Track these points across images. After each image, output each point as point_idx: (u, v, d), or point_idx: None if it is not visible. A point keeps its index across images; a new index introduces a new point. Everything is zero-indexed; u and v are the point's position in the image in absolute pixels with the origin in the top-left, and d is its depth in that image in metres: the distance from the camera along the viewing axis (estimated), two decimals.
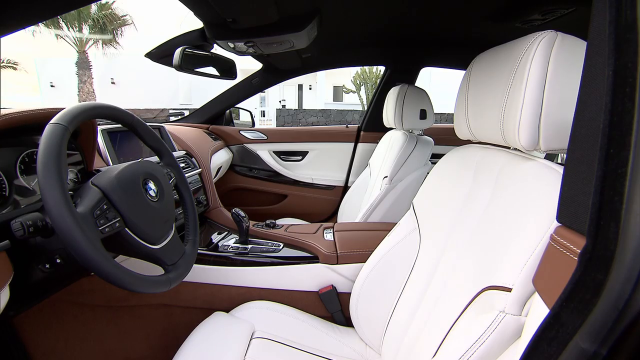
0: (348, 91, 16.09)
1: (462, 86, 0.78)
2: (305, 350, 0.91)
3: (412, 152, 1.52)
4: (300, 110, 12.32)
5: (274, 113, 12.83)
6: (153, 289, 0.66)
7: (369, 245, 1.07)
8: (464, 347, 0.55)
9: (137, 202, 0.68)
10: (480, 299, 0.59)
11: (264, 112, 15.78)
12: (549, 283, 0.37)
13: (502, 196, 0.64)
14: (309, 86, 17.97)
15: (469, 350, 0.54)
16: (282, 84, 16.82)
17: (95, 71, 12.77)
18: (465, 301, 0.63)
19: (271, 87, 2.05)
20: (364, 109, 14.47)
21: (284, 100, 17.33)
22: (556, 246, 0.35)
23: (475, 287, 0.61)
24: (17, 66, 9.85)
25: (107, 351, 1.17)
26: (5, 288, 0.63)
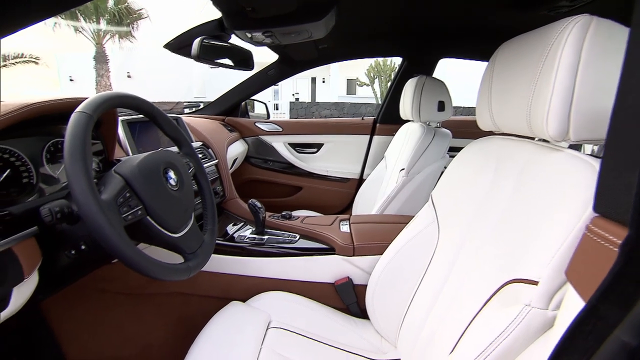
0: (362, 84, 15.94)
1: (486, 76, 0.76)
2: (321, 341, 0.91)
3: (430, 145, 1.50)
4: (314, 103, 12.29)
5: (287, 106, 12.84)
6: (173, 277, 0.67)
7: (386, 237, 1.06)
8: (487, 341, 0.54)
9: (158, 191, 0.69)
10: (504, 292, 0.58)
11: (277, 105, 15.80)
12: (585, 275, 0.35)
13: (527, 188, 0.62)
14: (323, 79, 17.87)
15: (492, 343, 0.53)
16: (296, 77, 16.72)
17: (112, 65, 13.00)
18: (487, 294, 0.62)
19: (284, 80, 2.04)
20: (378, 102, 14.33)
21: (297, 93, 17.29)
22: (593, 237, 0.34)
23: (497, 280, 0.60)
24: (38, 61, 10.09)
25: (127, 337, 1.20)
26: (34, 272, 0.65)
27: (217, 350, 0.81)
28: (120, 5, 12.00)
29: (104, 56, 12.76)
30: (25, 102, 0.67)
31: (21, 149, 0.73)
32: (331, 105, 12.07)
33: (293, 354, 0.84)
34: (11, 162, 0.71)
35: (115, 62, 13.23)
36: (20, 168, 0.73)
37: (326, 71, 17.16)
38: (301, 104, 12.40)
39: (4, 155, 0.70)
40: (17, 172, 0.72)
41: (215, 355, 0.79)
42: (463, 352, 0.60)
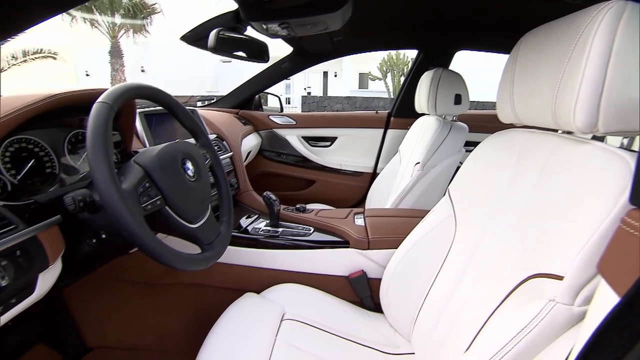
0: (374, 78, 15.81)
1: (508, 67, 0.74)
2: (335, 333, 0.92)
3: (446, 139, 1.47)
4: (326, 97, 12.24)
5: (299, 100, 12.82)
6: (191, 267, 0.68)
7: (401, 231, 1.05)
8: (506, 337, 0.53)
9: (176, 181, 0.69)
10: (525, 287, 0.57)
11: (289, 99, 15.80)
12: (620, 269, 0.34)
13: (551, 181, 0.61)
14: (335, 73, 17.77)
15: (512, 340, 0.52)
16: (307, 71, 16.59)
17: (127, 59, 13.18)
18: (507, 289, 0.60)
19: (296, 74, 2.03)
20: (390, 96, 14.20)
21: (309, 87, 17.25)
22: (629, 230, 0.33)
23: (518, 274, 0.59)
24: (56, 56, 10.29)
25: (144, 326, 1.22)
26: (58, 260, 0.67)
27: (233, 340, 0.82)
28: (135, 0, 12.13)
29: (119, 51, 12.95)
30: (48, 93, 0.68)
31: (44, 140, 0.75)
32: (343, 99, 12.00)
33: (307, 346, 0.84)
34: (35, 152, 0.73)
35: (129, 56, 13.41)
36: (43, 158, 0.75)
37: (338, 65, 17.06)
38: (313, 98, 12.36)
39: (28, 146, 0.72)
40: (40, 162, 0.74)
41: (230, 346, 0.80)
42: (479, 350, 0.59)
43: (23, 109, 0.63)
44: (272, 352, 0.80)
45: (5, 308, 0.56)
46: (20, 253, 0.57)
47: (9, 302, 0.57)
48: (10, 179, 0.67)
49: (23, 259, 0.57)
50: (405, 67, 14.52)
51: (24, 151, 0.71)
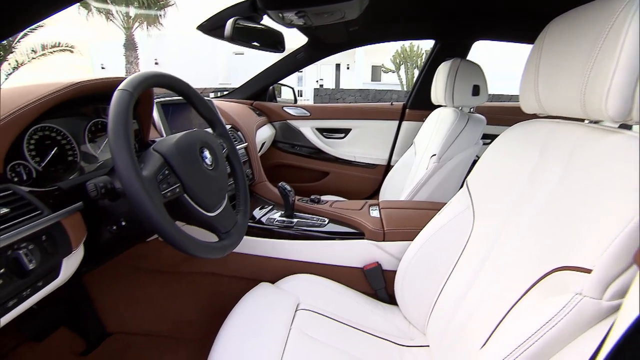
0: (387, 70, 15.60)
1: (532, 56, 0.71)
2: (349, 324, 0.92)
3: (463, 130, 1.44)
4: (338, 90, 12.16)
5: (311, 93, 12.77)
6: (209, 254, 0.68)
7: (417, 223, 1.04)
8: (529, 331, 0.51)
9: (194, 169, 0.70)
10: (549, 280, 0.55)
11: (301, 92, 15.74)
12: None
13: (579, 172, 0.59)
14: (347, 65, 17.61)
15: (536, 333, 0.50)
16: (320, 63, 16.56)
17: (141, 52, 13.33)
18: (528, 283, 0.59)
19: (308, 67, 2.02)
20: (403, 89, 14.01)
21: (321, 80, 17.15)
22: None
23: (541, 267, 0.57)
24: (73, 49, 10.47)
25: (160, 312, 1.25)
26: (80, 246, 0.68)
27: (248, 329, 0.82)
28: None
29: (133, 43, 13.11)
30: (70, 82, 0.69)
31: (66, 128, 0.76)
32: (356, 92, 11.91)
33: (322, 336, 0.85)
34: (57, 140, 0.74)
35: (143, 49, 13.57)
36: (65, 146, 0.76)
37: (351, 57, 16.90)
38: (325, 90, 12.30)
39: (51, 134, 0.73)
40: (62, 150, 0.75)
41: (246, 334, 0.81)
42: (498, 345, 0.58)
43: (48, 96, 0.64)
44: (287, 341, 0.80)
45: (32, 291, 0.57)
46: (45, 238, 0.59)
47: (36, 285, 0.58)
48: (35, 166, 0.68)
49: (48, 244, 0.59)
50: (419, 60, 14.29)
51: (47, 139, 0.72)
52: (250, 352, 0.76)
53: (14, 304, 0.54)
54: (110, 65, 15.80)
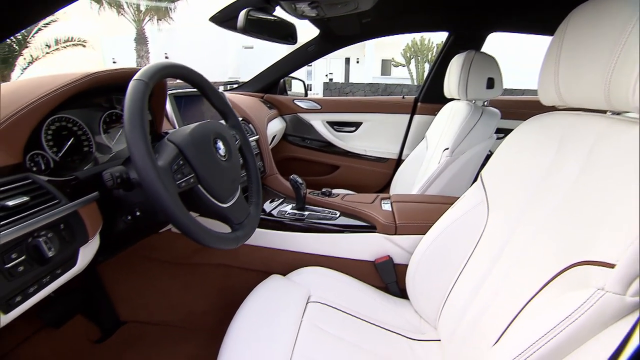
0: (397, 64, 15.44)
1: (553, 46, 0.69)
2: (360, 317, 0.92)
3: (477, 124, 1.42)
4: (348, 84, 12.08)
5: (321, 87, 12.71)
6: (222, 245, 0.68)
7: (429, 217, 1.03)
8: (546, 327, 0.50)
9: (208, 160, 0.70)
10: (569, 274, 0.54)
11: (310, 86, 15.68)
12: None
13: (601, 164, 0.57)
14: (357, 59, 17.46)
15: (554, 329, 0.49)
16: (329, 57, 16.48)
17: (151, 47, 13.43)
18: (545, 278, 0.58)
19: (318, 61, 2.01)
20: (414, 83, 13.85)
21: (331, 74, 17.05)
22: None
23: (560, 262, 0.56)
24: (85, 44, 10.58)
25: (173, 303, 1.27)
26: (96, 235, 0.69)
27: (260, 320, 0.83)
28: None
29: (144, 38, 13.20)
30: (87, 72, 0.69)
31: (82, 119, 0.77)
32: (365, 86, 11.82)
33: (333, 328, 0.85)
34: (74, 131, 0.75)
35: (154, 43, 13.66)
36: (81, 137, 0.77)
37: (360, 51, 16.75)
38: (335, 84, 12.22)
39: (67, 125, 0.74)
40: (78, 140, 0.76)
41: (258, 326, 0.81)
42: (510, 343, 0.57)
43: (65, 87, 0.65)
44: (299, 333, 0.80)
45: (51, 278, 0.58)
46: (63, 226, 0.60)
47: (55, 272, 0.59)
48: (53, 156, 0.69)
49: (66, 232, 0.60)
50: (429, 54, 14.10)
51: (63, 130, 0.73)
52: (262, 344, 0.76)
53: (35, 290, 0.55)
54: (122, 60, 15.94)
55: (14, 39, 9.00)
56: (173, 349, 1.14)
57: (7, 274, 0.49)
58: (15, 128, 0.59)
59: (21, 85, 0.65)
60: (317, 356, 0.75)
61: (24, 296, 0.53)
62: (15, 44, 9.10)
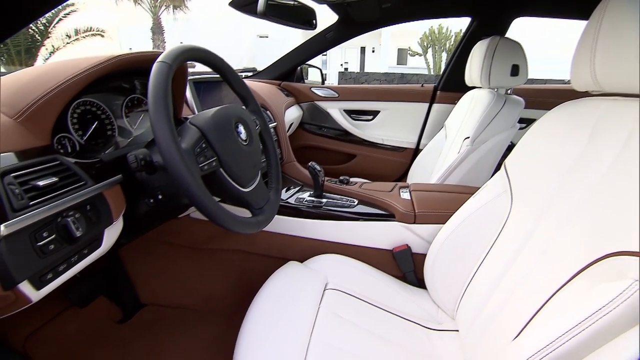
0: (414, 54, 15.17)
1: (589, 29, 0.66)
2: (377, 305, 0.91)
3: (499, 112, 1.38)
4: (363, 74, 11.93)
5: (336, 76, 12.60)
6: (243, 229, 0.69)
7: (449, 206, 1.01)
8: (574, 320, 0.48)
9: (230, 144, 0.70)
10: (600, 266, 0.52)
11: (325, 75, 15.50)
12: None
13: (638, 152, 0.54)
14: (372, 49, 17.21)
15: (582, 323, 0.47)
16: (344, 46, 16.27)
17: (167, 36, 13.53)
18: (574, 270, 0.56)
19: (333, 50, 1.98)
20: (430, 72, 13.59)
21: (346, 63, 16.86)
22: None
23: (590, 253, 0.54)
24: (104, 34, 10.74)
25: (191, 287, 1.29)
26: (120, 218, 0.70)
27: (278, 306, 0.83)
28: None
29: (160, 27, 13.32)
30: (111, 55, 0.70)
31: (104, 103, 0.78)
32: (381, 75, 11.65)
33: (350, 316, 0.85)
34: (97, 115, 0.76)
35: (170, 33, 13.76)
36: (105, 121, 0.78)
37: (376, 40, 16.49)
38: (350, 74, 12.09)
39: (92, 109, 0.75)
40: (102, 124, 0.77)
41: (276, 312, 0.81)
42: (533, 337, 0.55)
43: (91, 69, 0.65)
44: (316, 319, 0.81)
45: (79, 257, 0.60)
46: (90, 208, 0.61)
47: (82, 252, 0.61)
48: (78, 139, 0.70)
49: (92, 213, 0.61)
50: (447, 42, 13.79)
51: (88, 114, 0.74)
52: (280, 329, 0.77)
53: (64, 268, 0.57)
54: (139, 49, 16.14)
55: (36, 30, 9.22)
56: (191, 332, 1.17)
57: (40, 252, 0.51)
58: (44, 110, 0.60)
59: (48, 69, 0.66)
60: (334, 342, 0.76)
61: (54, 274, 0.55)
62: (38, 35, 9.31)
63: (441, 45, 13.97)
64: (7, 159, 0.52)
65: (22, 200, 0.50)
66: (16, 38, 8.59)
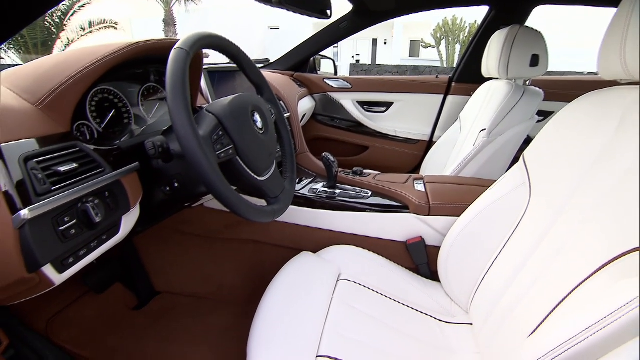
0: (427, 46, 14.89)
1: (620, 15, 0.63)
2: (390, 297, 0.91)
3: (517, 104, 1.35)
4: (375, 66, 11.80)
5: (347, 68, 12.48)
6: (259, 218, 0.69)
7: (464, 199, 1.00)
8: (596, 316, 0.46)
9: (246, 132, 0.69)
10: (624, 261, 0.51)
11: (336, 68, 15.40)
12: None
13: None
14: (384, 41, 16.97)
15: (604, 319, 0.45)
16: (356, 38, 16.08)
17: (179, 29, 13.57)
18: (595, 265, 0.54)
19: (344, 42, 1.96)
20: (443, 65, 13.34)
21: (357, 55, 16.68)
22: None
23: (614, 248, 0.52)
24: (117, 26, 10.83)
25: (204, 276, 1.31)
26: (137, 205, 0.71)
27: (291, 296, 0.83)
28: None
29: (172, 19, 13.36)
30: (129, 41, 0.70)
31: (121, 91, 0.78)
32: (393, 67, 11.50)
33: (363, 307, 0.85)
34: (115, 103, 0.77)
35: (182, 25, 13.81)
36: (122, 109, 0.78)
37: (388, 32, 16.25)
38: (362, 66, 11.96)
39: (109, 97, 0.76)
40: (119, 112, 0.78)
41: (289, 301, 0.82)
42: (550, 333, 0.54)
43: (110, 56, 0.66)
44: (329, 310, 0.81)
45: (98, 243, 0.61)
46: (108, 194, 0.61)
47: (101, 237, 0.62)
48: (96, 127, 0.71)
49: (111, 200, 0.62)
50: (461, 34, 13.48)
51: (105, 101, 0.75)
52: (294, 318, 0.77)
53: (84, 253, 0.58)
54: None
55: (52, 22, 9.35)
56: (204, 320, 1.19)
57: (61, 236, 0.52)
58: (64, 97, 0.61)
59: (67, 56, 0.66)
60: (347, 333, 0.76)
61: (75, 258, 0.56)
62: (54, 27, 9.44)
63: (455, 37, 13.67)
64: (29, 144, 0.53)
65: (45, 185, 0.50)
66: (33, 31, 8.73)
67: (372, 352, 0.73)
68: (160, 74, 0.89)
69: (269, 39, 15.06)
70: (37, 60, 0.67)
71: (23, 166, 0.49)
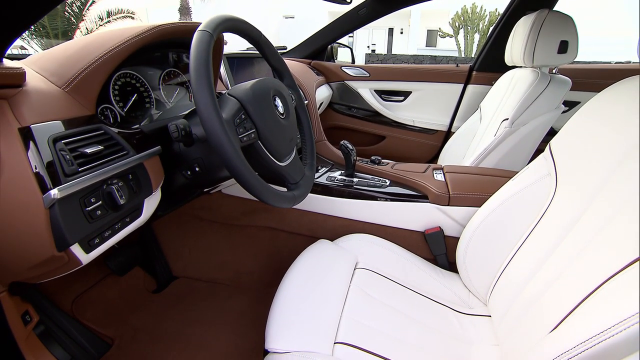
0: (444, 35, 14.53)
1: None
2: (407, 287, 0.90)
3: (543, 93, 1.30)
4: (390, 56, 11.59)
5: (363, 58, 12.32)
6: (280, 203, 0.68)
7: (485, 189, 0.98)
8: (623, 313, 0.44)
9: (268, 116, 0.69)
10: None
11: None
12: None
13: None
14: (401, 30, 16.63)
15: (633, 317, 0.44)
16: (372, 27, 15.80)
17: (195, 18, 13.62)
18: (624, 261, 0.52)
19: (359, 31, 1.92)
20: (461, 55, 13.02)
21: (373, 45, 16.43)
22: None
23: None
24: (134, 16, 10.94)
25: (221, 262, 1.33)
26: (158, 189, 0.72)
27: (309, 283, 0.83)
28: None
29: (188, 9, 13.39)
30: (153, 24, 0.70)
31: (143, 76, 0.79)
32: (409, 57, 11.28)
33: (380, 295, 0.84)
34: (137, 87, 0.77)
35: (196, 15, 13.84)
36: (143, 93, 0.79)
37: (405, 21, 15.92)
38: (377, 55, 11.78)
39: (131, 81, 0.76)
40: (140, 96, 0.78)
41: (307, 288, 0.82)
42: (572, 330, 0.52)
43: (134, 38, 0.66)
44: (347, 297, 0.81)
45: (122, 225, 0.62)
46: (131, 177, 0.62)
47: (125, 219, 0.63)
48: (119, 110, 0.72)
49: (134, 183, 0.63)
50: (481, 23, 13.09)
51: (127, 86, 0.75)
52: (311, 305, 0.77)
53: (109, 234, 0.59)
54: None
55: (72, 12, 9.51)
56: (222, 305, 1.21)
57: (88, 216, 0.53)
58: (90, 80, 0.61)
59: (93, 39, 0.67)
60: (365, 320, 0.76)
61: (101, 239, 0.57)
62: (73, 17, 9.59)
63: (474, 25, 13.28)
64: (56, 126, 0.53)
65: (72, 166, 0.51)
66: (53, 21, 8.88)
67: (390, 341, 0.73)
68: (180, 59, 0.89)
69: (284, 28, 14.95)
70: (64, 44, 0.68)
71: (52, 147, 0.50)
